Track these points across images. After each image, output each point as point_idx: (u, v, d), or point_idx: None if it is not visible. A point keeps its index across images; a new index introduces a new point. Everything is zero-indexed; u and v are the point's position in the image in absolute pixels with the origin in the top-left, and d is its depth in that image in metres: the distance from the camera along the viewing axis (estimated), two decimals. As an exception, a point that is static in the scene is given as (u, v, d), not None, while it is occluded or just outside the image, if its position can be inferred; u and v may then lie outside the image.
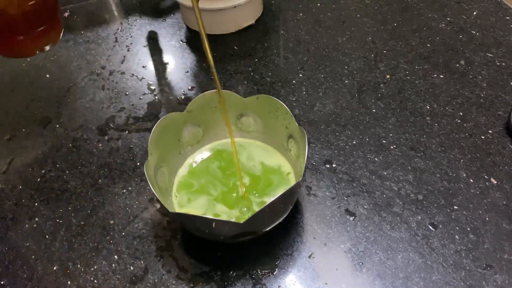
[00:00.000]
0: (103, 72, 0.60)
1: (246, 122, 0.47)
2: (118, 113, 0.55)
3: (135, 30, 0.66)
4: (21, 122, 0.54)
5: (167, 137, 0.43)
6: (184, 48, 0.63)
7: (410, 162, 0.47)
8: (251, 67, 0.59)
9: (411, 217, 0.42)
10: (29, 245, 0.43)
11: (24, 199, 0.46)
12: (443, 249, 0.40)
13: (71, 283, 0.40)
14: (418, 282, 0.38)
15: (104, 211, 0.45)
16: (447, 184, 0.45)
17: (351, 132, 0.50)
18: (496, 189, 0.44)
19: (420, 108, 0.52)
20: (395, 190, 0.44)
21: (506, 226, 0.41)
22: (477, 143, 0.48)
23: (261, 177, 0.44)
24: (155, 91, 0.57)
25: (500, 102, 0.52)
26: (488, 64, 0.56)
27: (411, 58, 0.58)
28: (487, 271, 0.38)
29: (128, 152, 0.50)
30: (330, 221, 0.42)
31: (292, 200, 0.39)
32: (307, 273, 0.39)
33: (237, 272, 0.39)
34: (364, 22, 0.64)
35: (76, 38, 0.65)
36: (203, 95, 0.44)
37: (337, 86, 0.55)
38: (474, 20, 0.63)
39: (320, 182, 0.45)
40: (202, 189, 0.44)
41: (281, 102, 0.42)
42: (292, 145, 0.43)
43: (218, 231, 0.37)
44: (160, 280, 0.39)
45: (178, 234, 0.42)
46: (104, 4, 0.72)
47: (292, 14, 0.67)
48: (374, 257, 0.40)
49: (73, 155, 0.50)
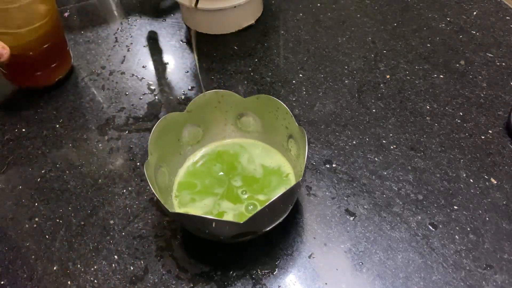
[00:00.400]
0: (103, 72, 0.60)
1: (246, 122, 0.47)
2: (118, 113, 0.55)
3: (135, 30, 0.66)
4: (21, 122, 0.54)
5: (167, 137, 0.43)
6: (184, 48, 0.63)
7: (410, 162, 0.47)
8: (251, 67, 0.59)
9: (411, 217, 0.42)
10: (29, 245, 0.43)
11: (24, 199, 0.46)
12: (443, 249, 0.40)
13: (71, 283, 0.40)
14: (418, 282, 0.38)
15: (104, 211, 0.45)
16: (447, 184, 0.45)
17: (351, 132, 0.50)
18: (496, 189, 0.44)
19: (420, 108, 0.52)
20: (395, 190, 0.44)
21: (506, 226, 0.41)
22: (477, 143, 0.48)
23: (262, 179, 0.44)
24: (155, 91, 0.57)
25: (500, 102, 0.52)
26: (488, 64, 0.56)
27: (411, 58, 0.58)
28: (487, 271, 0.38)
29: (128, 152, 0.50)
30: (330, 221, 0.42)
31: (292, 200, 0.39)
32: (307, 273, 0.39)
33: (237, 272, 0.39)
34: (364, 22, 0.64)
35: (76, 38, 0.65)
36: (203, 95, 0.44)
37: (337, 86, 0.55)
38: (474, 20, 0.63)
39: (320, 182, 0.45)
40: (204, 189, 0.44)
41: (281, 102, 0.42)
42: (292, 145, 0.43)
43: (218, 231, 0.37)
44: (160, 280, 0.39)
45: (178, 234, 0.42)
46: (104, 4, 0.72)
47: (292, 14, 0.67)
48: (374, 257, 0.40)
49: (73, 155, 0.50)
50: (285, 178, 0.44)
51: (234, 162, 0.45)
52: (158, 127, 0.41)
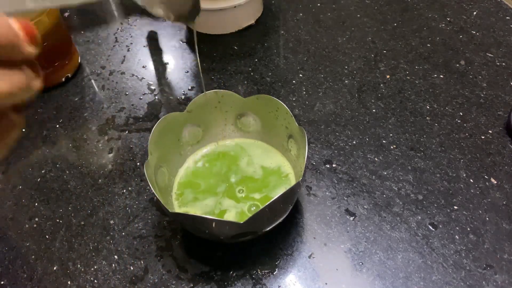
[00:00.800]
0: (103, 72, 0.60)
1: (246, 122, 0.47)
2: (118, 113, 0.55)
3: (135, 30, 0.66)
4: (21, 122, 0.54)
5: (167, 137, 0.43)
6: (184, 48, 0.63)
7: (410, 162, 0.47)
8: (251, 67, 0.59)
9: (411, 217, 0.42)
10: (29, 245, 0.43)
11: (24, 199, 0.46)
12: (443, 249, 0.40)
13: (71, 283, 0.40)
14: (418, 282, 0.38)
15: (104, 211, 0.45)
16: (447, 184, 0.45)
17: (351, 132, 0.50)
18: (496, 189, 0.44)
19: (420, 108, 0.52)
20: (395, 190, 0.44)
21: (506, 226, 0.41)
22: (477, 143, 0.48)
23: (261, 179, 0.44)
24: (155, 91, 0.57)
25: (500, 102, 0.52)
26: (488, 64, 0.56)
27: (411, 58, 0.58)
28: (487, 271, 0.38)
29: (128, 152, 0.50)
30: (330, 221, 0.42)
31: (292, 200, 0.39)
32: (307, 273, 0.39)
33: (237, 272, 0.39)
34: (364, 22, 0.64)
35: (76, 38, 0.65)
36: (203, 95, 0.44)
37: (337, 86, 0.55)
38: (474, 20, 0.63)
39: (320, 182, 0.45)
40: (205, 189, 0.44)
41: (281, 102, 0.42)
42: (292, 145, 0.43)
43: (218, 231, 0.37)
44: (160, 280, 0.39)
45: (178, 234, 0.42)
46: (104, 4, 0.72)
47: (292, 14, 0.67)
48: (374, 257, 0.40)
49: (73, 155, 0.50)
50: (285, 178, 0.44)
51: (234, 162, 0.45)
52: (158, 127, 0.41)
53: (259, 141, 0.47)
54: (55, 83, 0.58)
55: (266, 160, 0.45)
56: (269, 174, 0.44)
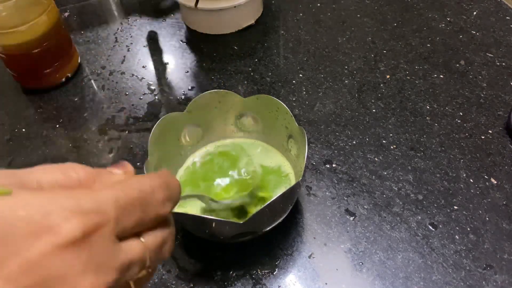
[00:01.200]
0: (103, 72, 0.60)
1: (246, 122, 0.47)
2: (118, 113, 0.55)
3: (135, 30, 0.66)
4: (21, 122, 0.54)
5: (167, 137, 0.43)
6: (184, 48, 0.63)
7: (410, 162, 0.47)
8: (251, 67, 0.59)
9: (411, 217, 0.42)
10: (29, 245, 0.43)
11: (24, 199, 0.46)
12: (443, 249, 0.40)
13: (71, 283, 0.40)
14: (418, 282, 0.38)
15: (104, 211, 0.45)
16: (447, 184, 0.45)
17: (351, 132, 0.50)
18: (496, 189, 0.44)
19: (420, 108, 0.52)
20: (395, 190, 0.44)
21: (506, 226, 0.41)
22: (477, 143, 0.48)
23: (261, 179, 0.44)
24: (155, 91, 0.57)
25: (500, 102, 0.52)
26: (488, 64, 0.56)
27: (411, 58, 0.58)
28: (487, 271, 0.38)
29: (128, 152, 0.50)
30: (330, 221, 0.42)
31: (292, 200, 0.39)
32: (307, 273, 0.39)
33: (237, 272, 0.39)
34: (364, 22, 0.64)
35: (76, 38, 0.65)
36: (203, 95, 0.44)
37: (337, 86, 0.55)
38: (474, 20, 0.63)
39: (320, 182, 0.45)
40: (206, 189, 0.43)
41: (281, 102, 0.42)
42: (292, 145, 0.43)
43: (218, 231, 0.37)
44: (160, 280, 0.39)
45: (178, 234, 0.42)
46: (104, 4, 0.72)
47: (292, 14, 0.67)
48: (374, 257, 0.40)
49: (73, 155, 0.50)
50: (285, 178, 0.44)
51: (234, 162, 0.45)
52: (158, 127, 0.41)
53: (259, 141, 0.47)
54: (55, 83, 0.58)
55: (266, 160, 0.45)
56: (269, 174, 0.44)
